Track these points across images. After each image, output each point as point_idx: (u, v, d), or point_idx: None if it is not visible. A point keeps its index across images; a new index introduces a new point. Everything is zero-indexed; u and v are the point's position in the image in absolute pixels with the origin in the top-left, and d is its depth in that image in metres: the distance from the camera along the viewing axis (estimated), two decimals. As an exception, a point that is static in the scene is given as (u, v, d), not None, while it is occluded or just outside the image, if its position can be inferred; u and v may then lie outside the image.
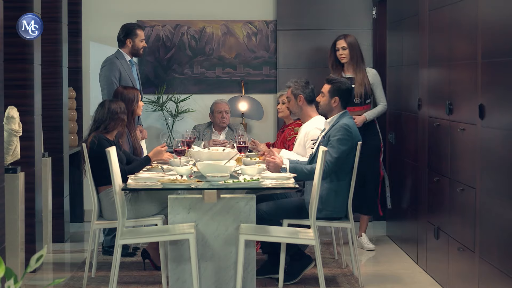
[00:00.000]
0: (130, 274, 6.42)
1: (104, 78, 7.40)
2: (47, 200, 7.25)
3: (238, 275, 5.34)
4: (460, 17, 5.69)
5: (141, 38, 7.63)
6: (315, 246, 5.39)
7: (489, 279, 5.05)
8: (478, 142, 5.23)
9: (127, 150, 6.72)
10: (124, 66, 7.48)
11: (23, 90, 6.55)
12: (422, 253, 6.62)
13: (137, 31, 7.63)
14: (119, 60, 7.50)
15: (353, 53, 7.54)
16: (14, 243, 6.03)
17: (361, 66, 7.53)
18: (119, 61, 7.48)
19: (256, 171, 5.71)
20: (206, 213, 5.53)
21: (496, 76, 4.96)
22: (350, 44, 7.56)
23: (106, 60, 7.55)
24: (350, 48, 7.55)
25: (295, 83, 6.69)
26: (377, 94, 7.58)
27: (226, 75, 9.02)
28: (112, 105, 6.41)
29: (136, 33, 7.61)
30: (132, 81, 7.44)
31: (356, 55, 7.54)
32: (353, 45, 7.57)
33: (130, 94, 6.86)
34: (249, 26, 9.00)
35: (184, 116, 8.97)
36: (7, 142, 5.97)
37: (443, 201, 6.03)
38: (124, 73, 7.43)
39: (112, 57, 7.56)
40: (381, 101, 7.57)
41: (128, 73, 7.48)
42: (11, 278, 3.78)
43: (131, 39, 7.60)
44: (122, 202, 5.59)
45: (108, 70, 7.40)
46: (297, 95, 6.64)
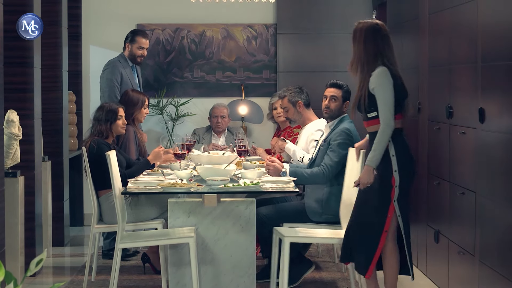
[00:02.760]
0: (130, 278, 6.42)
1: (106, 81, 7.39)
2: (47, 204, 7.24)
3: (284, 281, 5.41)
4: (460, 20, 5.69)
5: (139, 46, 7.54)
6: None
7: (489, 283, 5.04)
8: (478, 146, 5.23)
9: (133, 153, 6.73)
10: (126, 69, 7.47)
11: (23, 93, 6.55)
12: (422, 256, 6.62)
13: (137, 37, 7.57)
14: (121, 63, 7.48)
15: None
16: (14, 246, 6.03)
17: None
18: (122, 64, 7.47)
19: (256, 175, 5.71)
20: (206, 217, 5.52)
21: (496, 79, 4.96)
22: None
23: (108, 63, 7.53)
24: None
25: (289, 91, 6.67)
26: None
27: (226, 78, 9.02)
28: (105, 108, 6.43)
29: (135, 40, 7.56)
30: (133, 85, 7.43)
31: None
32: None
33: (135, 98, 6.87)
34: (249, 30, 9.00)
35: (184, 119, 8.97)
36: (7, 145, 5.97)
37: (443, 204, 6.03)
38: (125, 77, 7.41)
39: (115, 60, 7.54)
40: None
41: (130, 77, 7.46)
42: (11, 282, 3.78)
43: (129, 44, 7.57)
44: (122, 206, 5.58)
45: (110, 73, 7.38)
46: (296, 102, 6.63)
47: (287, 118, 6.87)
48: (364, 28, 5.17)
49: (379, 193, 5.05)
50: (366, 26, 5.17)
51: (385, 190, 5.04)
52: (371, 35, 5.14)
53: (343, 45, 8.88)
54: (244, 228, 5.54)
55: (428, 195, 6.48)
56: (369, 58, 5.12)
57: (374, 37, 5.14)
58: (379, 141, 5.00)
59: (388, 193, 5.03)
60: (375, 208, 5.06)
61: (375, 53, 5.12)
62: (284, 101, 6.69)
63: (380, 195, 5.05)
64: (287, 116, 6.80)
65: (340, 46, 8.89)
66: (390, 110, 5.00)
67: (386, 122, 4.99)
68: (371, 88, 5.06)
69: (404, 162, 5.06)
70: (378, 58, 5.11)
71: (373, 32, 5.14)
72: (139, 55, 7.56)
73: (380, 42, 5.13)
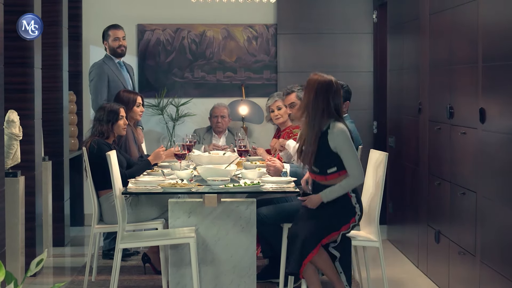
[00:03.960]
0: (130, 278, 6.41)
1: (94, 88, 7.38)
2: (47, 204, 7.24)
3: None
4: (461, 21, 5.68)
5: (113, 37, 7.52)
6: (379, 248, 5.49)
7: (490, 283, 5.04)
8: (478, 146, 5.22)
9: (135, 152, 6.73)
10: (112, 68, 7.44)
11: (23, 94, 6.55)
12: (423, 257, 6.62)
13: (109, 31, 7.57)
14: (106, 64, 7.45)
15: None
16: (15, 247, 6.03)
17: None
18: (107, 64, 7.44)
19: (256, 175, 5.71)
20: (207, 217, 5.52)
21: (496, 80, 4.96)
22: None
23: (93, 65, 7.52)
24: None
25: (296, 87, 6.65)
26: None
27: (226, 79, 9.02)
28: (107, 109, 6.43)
29: (108, 34, 7.55)
30: (122, 82, 7.41)
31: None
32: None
33: (125, 98, 6.88)
34: (249, 30, 9.00)
35: (185, 120, 8.97)
36: (7, 146, 5.97)
37: (444, 205, 6.03)
38: (112, 76, 7.39)
39: (100, 62, 7.51)
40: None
41: (117, 74, 7.43)
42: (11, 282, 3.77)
43: (105, 40, 7.56)
44: (123, 206, 5.58)
45: (97, 81, 7.37)
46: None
47: (290, 115, 6.85)
48: (317, 82, 5.22)
49: (338, 217, 5.23)
50: (320, 80, 5.22)
51: (345, 219, 5.22)
52: (323, 91, 5.20)
53: (343, 45, 8.88)
54: (245, 228, 5.53)
55: (429, 195, 6.47)
56: (317, 113, 5.19)
57: (326, 93, 5.21)
58: (343, 188, 5.16)
59: (347, 221, 5.22)
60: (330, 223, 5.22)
61: (323, 109, 5.20)
62: (291, 97, 6.65)
63: (339, 218, 5.23)
64: (292, 112, 6.76)
65: (340, 46, 8.89)
66: (359, 165, 5.14)
67: (357, 177, 5.14)
68: (332, 147, 5.14)
69: (363, 213, 5.30)
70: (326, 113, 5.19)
71: (326, 88, 5.20)
72: (117, 46, 7.51)
73: (331, 98, 5.20)
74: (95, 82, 7.37)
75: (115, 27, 7.61)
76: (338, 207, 5.21)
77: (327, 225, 5.18)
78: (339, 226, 5.19)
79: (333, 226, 5.18)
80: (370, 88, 8.92)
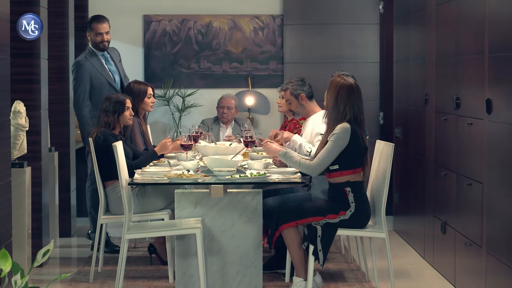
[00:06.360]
0: (136, 269, 6.43)
1: (74, 88, 7.07)
2: (54, 195, 7.26)
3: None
4: (467, 11, 5.67)
5: (96, 32, 7.09)
6: (385, 238, 5.49)
7: (496, 274, 5.04)
8: (485, 137, 5.22)
9: (140, 143, 6.73)
10: (95, 65, 7.09)
11: (29, 84, 6.56)
12: (429, 248, 6.62)
13: (92, 24, 7.14)
14: (89, 60, 7.08)
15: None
16: (21, 237, 6.04)
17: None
18: (89, 61, 7.08)
19: (262, 166, 5.71)
20: (213, 207, 5.52)
21: (503, 70, 4.95)
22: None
23: (75, 64, 7.14)
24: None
25: (291, 83, 6.61)
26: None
27: (232, 69, 9.01)
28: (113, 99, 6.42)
29: (91, 27, 7.15)
30: (105, 77, 7.10)
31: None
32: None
33: (136, 90, 6.88)
34: (255, 21, 8.99)
35: (191, 110, 8.97)
36: (13, 136, 5.98)
37: (450, 196, 6.02)
38: (95, 73, 7.06)
39: (82, 59, 7.13)
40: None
41: (101, 70, 7.09)
42: (18, 273, 3.79)
43: (88, 33, 7.20)
44: (129, 196, 5.59)
45: (79, 81, 7.00)
46: (298, 94, 6.58)
47: (290, 110, 6.84)
48: (339, 85, 5.39)
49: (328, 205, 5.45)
50: (343, 83, 5.39)
51: (333, 209, 5.40)
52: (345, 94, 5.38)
53: (349, 36, 8.87)
54: (251, 219, 5.54)
55: (435, 186, 6.47)
56: (338, 117, 5.40)
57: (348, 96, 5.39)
58: (298, 164, 5.40)
59: (336, 211, 5.38)
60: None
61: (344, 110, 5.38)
62: (286, 94, 6.65)
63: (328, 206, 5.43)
64: (290, 109, 6.76)
65: (346, 37, 8.88)
66: (327, 161, 5.30)
67: (313, 168, 5.35)
68: (329, 139, 5.33)
69: (361, 211, 5.38)
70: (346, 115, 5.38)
71: (348, 91, 5.37)
72: (99, 41, 7.12)
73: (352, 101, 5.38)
74: (76, 84, 7.06)
75: (98, 20, 7.15)
76: (331, 196, 5.44)
77: (312, 208, 5.42)
78: (325, 213, 5.35)
79: (318, 211, 5.37)
80: (376, 79, 8.90)
